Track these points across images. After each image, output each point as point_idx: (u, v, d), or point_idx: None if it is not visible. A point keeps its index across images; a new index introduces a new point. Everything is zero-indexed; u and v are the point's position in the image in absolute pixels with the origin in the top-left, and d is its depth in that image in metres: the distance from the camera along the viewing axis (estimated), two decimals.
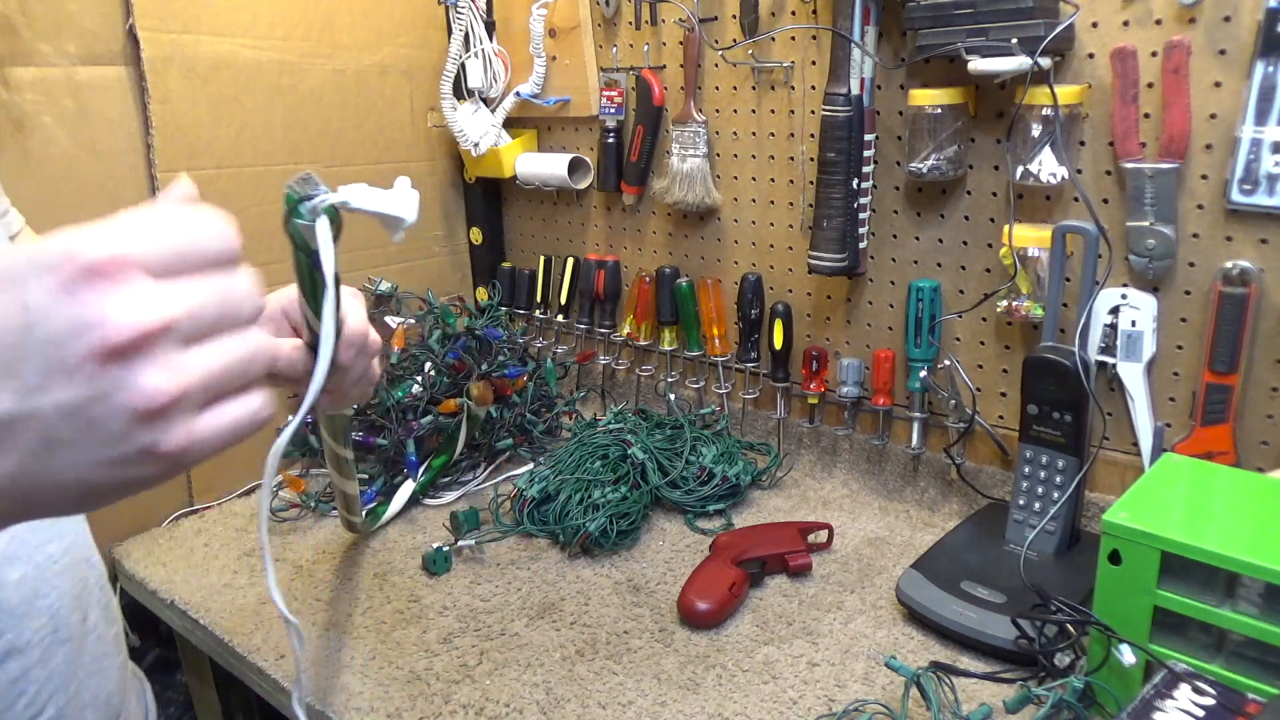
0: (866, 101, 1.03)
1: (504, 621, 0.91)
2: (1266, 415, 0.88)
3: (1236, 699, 0.60)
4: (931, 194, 1.05)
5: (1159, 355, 0.93)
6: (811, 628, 0.88)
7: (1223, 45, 0.83)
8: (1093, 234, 0.87)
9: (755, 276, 1.21)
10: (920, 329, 1.06)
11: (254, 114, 1.18)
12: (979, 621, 0.82)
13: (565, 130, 1.41)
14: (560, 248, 1.48)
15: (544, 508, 1.08)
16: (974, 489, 1.07)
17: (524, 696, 0.80)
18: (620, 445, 1.12)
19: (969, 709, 0.73)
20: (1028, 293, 0.97)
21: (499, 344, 1.28)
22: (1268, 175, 0.82)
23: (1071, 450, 0.90)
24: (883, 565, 0.98)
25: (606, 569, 1.00)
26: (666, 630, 0.88)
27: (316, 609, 0.94)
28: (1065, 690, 0.69)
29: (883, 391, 1.11)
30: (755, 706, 0.77)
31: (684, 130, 1.21)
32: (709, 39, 1.18)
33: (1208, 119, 0.85)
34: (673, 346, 1.32)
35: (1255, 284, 0.85)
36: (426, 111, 1.40)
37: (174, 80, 1.09)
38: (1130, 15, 0.88)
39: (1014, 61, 0.87)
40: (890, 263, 1.11)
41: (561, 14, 1.31)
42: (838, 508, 1.12)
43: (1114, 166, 0.91)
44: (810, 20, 1.09)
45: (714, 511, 1.11)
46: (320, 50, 1.24)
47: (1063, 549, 0.91)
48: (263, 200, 1.20)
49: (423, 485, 1.15)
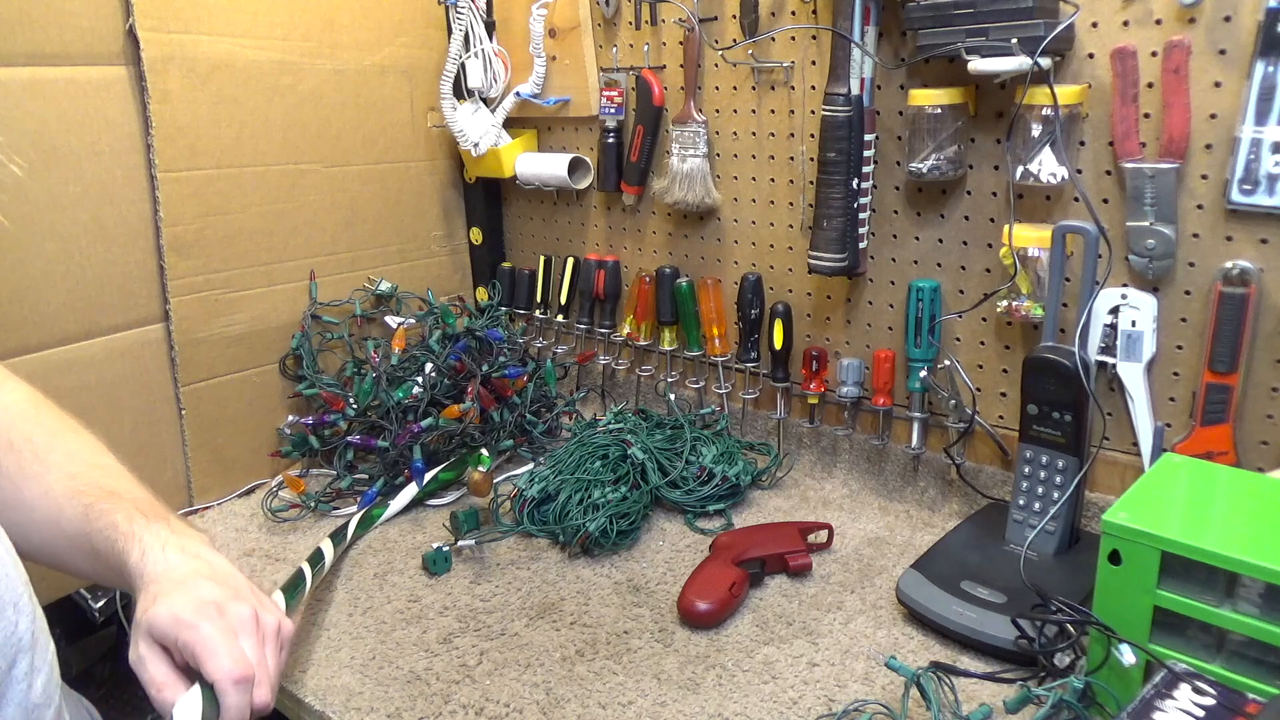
0: (866, 101, 1.03)
1: (504, 621, 0.91)
2: (1266, 415, 0.88)
3: (1236, 699, 0.60)
4: (931, 194, 1.05)
5: (1159, 355, 0.93)
6: (811, 628, 0.88)
7: (1223, 45, 0.83)
8: (1093, 234, 0.87)
9: (755, 276, 1.21)
10: (920, 329, 1.06)
11: (254, 114, 1.18)
12: (979, 621, 0.82)
13: (565, 130, 1.41)
14: (560, 248, 1.48)
15: (544, 508, 1.08)
16: (974, 489, 1.07)
17: (524, 696, 0.80)
18: (620, 445, 1.12)
19: (969, 709, 0.73)
20: (1028, 293, 0.97)
21: (499, 344, 1.28)
22: (1268, 175, 0.82)
23: (1071, 450, 0.90)
24: (883, 565, 0.98)
25: (606, 569, 1.00)
26: (666, 630, 0.88)
27: (316, 609, 0.94)
28: (1065, 690, 0.69)
29: (883, 391, 1.11)
30: (755, 706, 0.77)
31: (684, 130, 1.21)
32: (709, 39, 1.18)
33: (1208, 119, 0.85)
34: (673, 346, 1.32)
35: (1255, 284, 0.85)
36: (426, 111, 1.40)
37: (174, 80, 1.09)
38: (1130, 15, 0.88)
39: (1014, 61, 0.87)
40: (890, 263, 1.11)
41: (561, 14, 1.31)
42: (838, 508, 1.12)
43: (1114, 166, 0.92)
44: (810, 20, 1.09)
45: (714, 511, 1.11)
46: (320, 50, 1.24)
47: (1063, 549, 0.91)
48: (263, 200, 1.20)
49: (423, 494, 1.16)
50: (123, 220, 1.07)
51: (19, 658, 0.58)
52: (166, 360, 1.13)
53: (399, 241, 1.38)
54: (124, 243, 1.07)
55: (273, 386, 1.24)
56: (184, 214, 1.12)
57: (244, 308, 1.19)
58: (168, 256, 1.10)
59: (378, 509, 1.12)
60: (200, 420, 1.16)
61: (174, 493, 1.16)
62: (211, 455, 1.18)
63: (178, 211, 1.11)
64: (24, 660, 0.59)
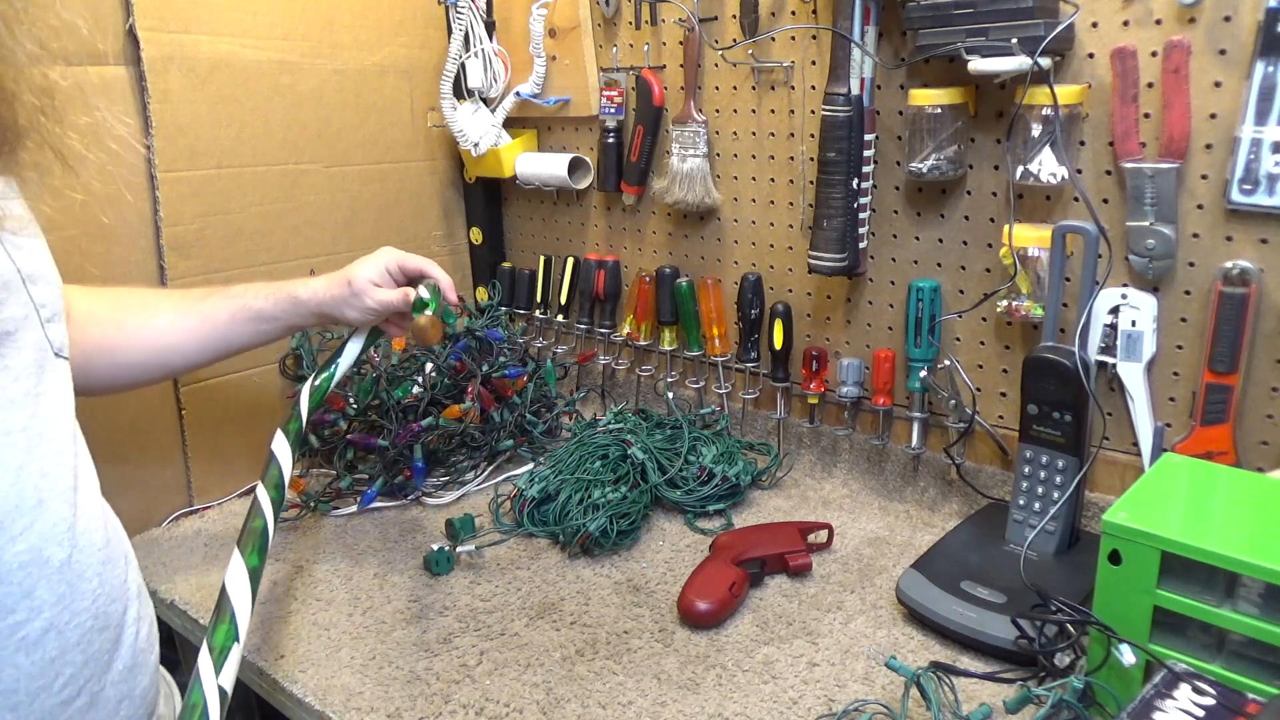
0: (866, 101, 1.03)
1: (504, 621, 0.91)
2: (1266, 415, 0.88)
3: (1236, 699, 0.60)
4: (931, 194, 1.05)
5: (1159, 355, 0.93)
6: (811, 628, 0.88)
7: (1223, 45, 0.83)
8: (1093, 234, 0.87)
9: (755, 276, 1.21)
10: (920, 329, 1.06)
11: (254, 114, 1.18)
12: (979, 621, 0.82)
13: (565, 130, 1.41)
14: (560, 248, 1.48)
15: (544, 508, 1.08)
16: (974, 489, 1.07)
17: (524, 696, 0.80)
18: (620, 445, 1.12)
19: (969, 709, 0.73)
20: (1028, 293, 0.97)
21: (499, 345, 1.28)
22: (1268, 175, 0.82)
23: (1071, 450, 0.90)
24: (883, 565, 0.98)
25: (606, 569, 1.00)
26: (666, 630, 0.88)
27: (316, 609, 0.94)
28: (1065, 690, 0.69)
29: (883, 391, 1.11)
30: (755, 706, 0.77)
31: (684, 130, 1.21)
32: (709, 39, 1.18)
33: (1208, 119, 0.85)
34: (673, 346, 1.32)
35: (1255, 284, 0.85)
36: (426, 111, 1.40)
37: (174, 80, 1.09)
38: (1130, 15, 0.88)
39: (1014, 61, 0.87)
40: (890, 263, 1.11)
41: (561, 14, 1.31)
42: (838, 508, 1.12)
43: (1114, 166, 0.92)
44: (810, 20, 1.09)
45: (714, 511, 1.11)
46: (320, 50, 1.24)
47: (1063, 549, 0.91)
48: (263, 200, 1.20)
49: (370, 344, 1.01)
50: (123, 220, 1.07)
51: (129, 605, 0.65)
52: None
53: (399, 241, 1.38)
54: (124, 243, 1.07)
55: (272, 386, 1.24)
56: (184, 214, 1.12)
57: None
58: (168, 256, 1.10)
59: (326, 372, 0.96)
60: (200, 420, 1.16)
61: (174, 493, 1.16)
62: (211, 455, 1.18)
63: (178, 211, 1.11)
64: (133, 608, 0.65)
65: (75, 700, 0.58)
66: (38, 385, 0.59)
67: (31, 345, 0.60)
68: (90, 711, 0.59)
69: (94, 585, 0.60)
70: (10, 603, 0.54)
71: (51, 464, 0.59)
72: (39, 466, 0.57)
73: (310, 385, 0.94)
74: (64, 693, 0.57)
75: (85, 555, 0.60)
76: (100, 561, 0.61)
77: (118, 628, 0.62)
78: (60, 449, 0.60)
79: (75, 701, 0.58)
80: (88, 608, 0.59)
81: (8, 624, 0.54)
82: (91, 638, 0.59)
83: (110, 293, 0.89)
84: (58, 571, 0.57)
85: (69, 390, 0.64)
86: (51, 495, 0.58)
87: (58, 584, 0.57)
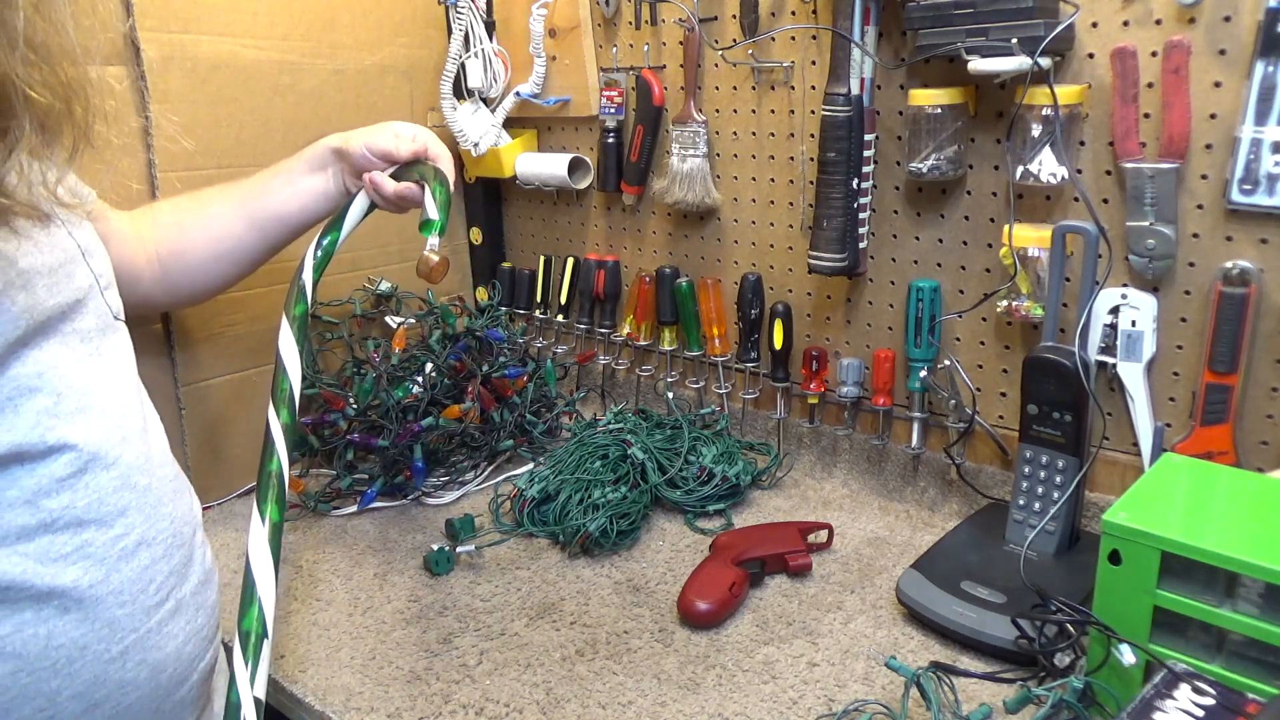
0: (866, 101, 1.03)
1: (504, 621, 0.91)
2: (1266, 415, 0.88)
3: (1236, 699, 0.60)
4: (931, 194, 1.05)
5: (1159, 355, 0.93)
6: (811, 628, 0.88)
7: (1223, 45, 0.83)
8: (1093, 234, 0.87)
9: (755, 276, 1.21)
10: (920, 329, 1.06)
11: (254, 114, 1.18)
12: (979, 621, 0.82)
13: (565, 130, 1.41)
14: (560, 248, 1.48)
15: (544, 508, 1.08)
16: (974, 489, 1.07)
17: (524, 696, 0.80)
18: (620, 445, 1.12)
19: (969, 709, 0.74)
20: (1028, 293, 0.97)
21: (499, 344, 1.28)
22: (1268, 175, 0.82)
23: (1071, 450, 0.90)
24: (883, 565, 0.98)
25: (606, 569, 1.00)
26: (666, 630, 0.88)
27: (316, 609, 0.94)
28: (1065, 690, 0.69)
29: (883, 391, 1.11)
30: (755, 706, 0.77)
31: (684, 130, 1.21)
32: (709, 39, 1.18)
33: (1208, 119, 0.85)
34: (673, 346, 1.32)
35: (1255, 284, 0.85)
36: (426, 111, 1.40)
37: (174, 80, 1.09)
38: (1130, 15, 0.88)
39: (1014, 61, 0.87)
40: (890, 263, 1.11)
41: (561, 14, 1.31)
42: (838, 508, 1.12)
43: (1114, 166, 0.92)
44: (810, 20, 1.09)
45: (714, 511, 1.11)
46: (320, 50, 1.24)
47: (1063, 549, 0.91)
48: None
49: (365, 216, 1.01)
50: None
51: (196, 530, 0.75)
52: (166, 360, 1.13)
53: (399, 241, 1.38)
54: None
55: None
56: None
57: (244, 308, 1.19)
58: None
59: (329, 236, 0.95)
60: (200, 420, 1.16)
61: None
62: (211, 455, 1.18)
63: None
64: (199, 533, 0.76)
65: (164, 604, 0.67)
66: (102, 346, 0.68)
67: (95, 311, 0.69)
68: (175, 617, 0.68)
69: (170, 509, 0.70)
70: (110, 520, 0.64)
71: (125, 409, 0.69)
72: (120, 409, 0.68)
73: (312, 255, 0.92)
74: (156, 595, 0.67)
75: (161, 484, 0.70)
76: (173, 491, 0.72)
77: (189, 547, 0.72)
78: (129, 398, 0.70)
79: (164, 605, 0.67)
80: (167, 528, 0.69)
81: (109, 537, 0.64)
82: (172, 552, 0.69)
83: (169, 203, 0.98)
84: (142, 495, 0.67)
85: (129, 350, 0.74)
86: (131, 434, 0.68)
87: (144, 505, 0.67)
